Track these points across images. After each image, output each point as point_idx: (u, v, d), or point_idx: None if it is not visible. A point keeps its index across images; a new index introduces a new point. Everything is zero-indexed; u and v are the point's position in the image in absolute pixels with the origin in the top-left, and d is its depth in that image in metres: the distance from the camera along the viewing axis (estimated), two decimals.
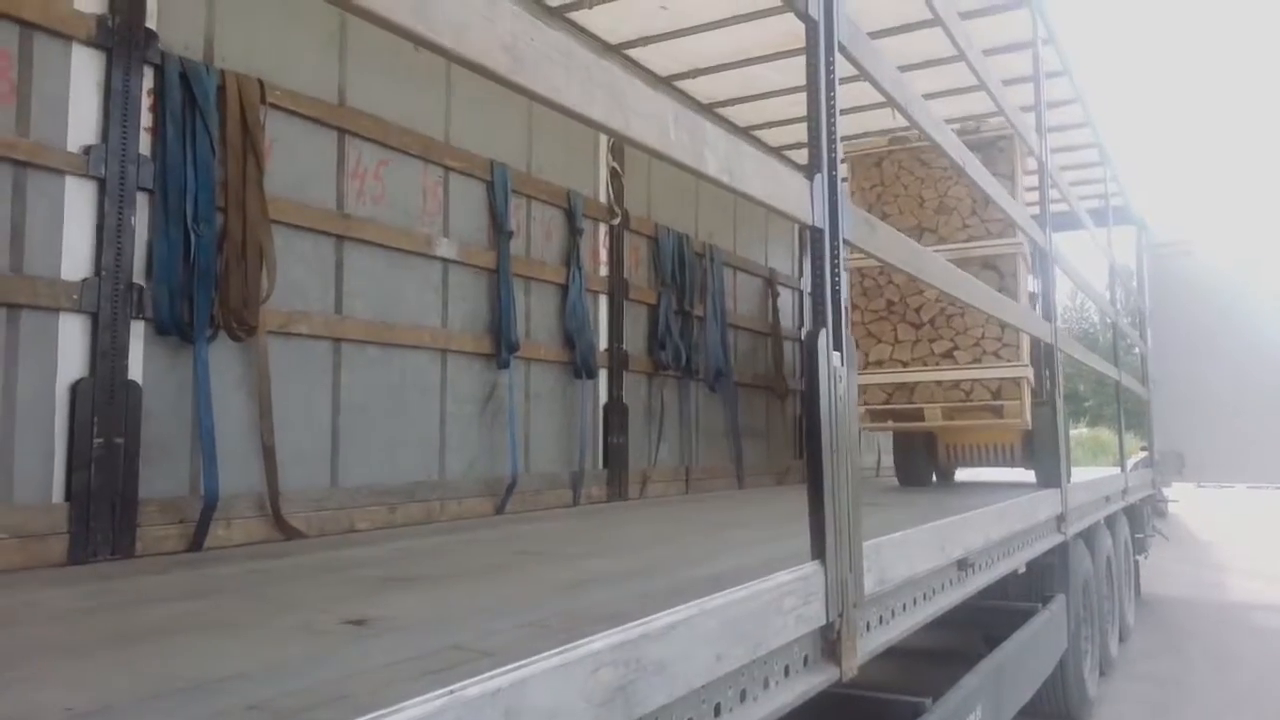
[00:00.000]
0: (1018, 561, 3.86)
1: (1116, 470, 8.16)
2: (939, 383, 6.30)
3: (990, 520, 3.29)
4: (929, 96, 6.29)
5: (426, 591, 2.46)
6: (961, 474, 7.97)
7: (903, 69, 4.43)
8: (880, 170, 6.72)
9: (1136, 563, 9.01)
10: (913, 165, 6.64)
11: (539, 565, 2.91)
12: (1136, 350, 10.73)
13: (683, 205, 7.29)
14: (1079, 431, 27.57)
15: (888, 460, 8.82)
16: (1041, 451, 6.13)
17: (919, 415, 6.35)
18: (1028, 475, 6.63)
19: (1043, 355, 6.22)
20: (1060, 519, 4.65)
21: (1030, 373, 6.04)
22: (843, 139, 5.73)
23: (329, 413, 4.23)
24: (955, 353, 6.27)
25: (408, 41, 1.15)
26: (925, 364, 6.34)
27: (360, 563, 3.09)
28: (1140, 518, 9.19)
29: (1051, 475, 5.48)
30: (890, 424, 6.62)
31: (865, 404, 6.34)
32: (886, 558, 2.18)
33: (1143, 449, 11.30)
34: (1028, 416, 5.89)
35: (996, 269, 6.16)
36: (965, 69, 4.15)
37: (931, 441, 7.32)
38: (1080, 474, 7.36)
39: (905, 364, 6.40)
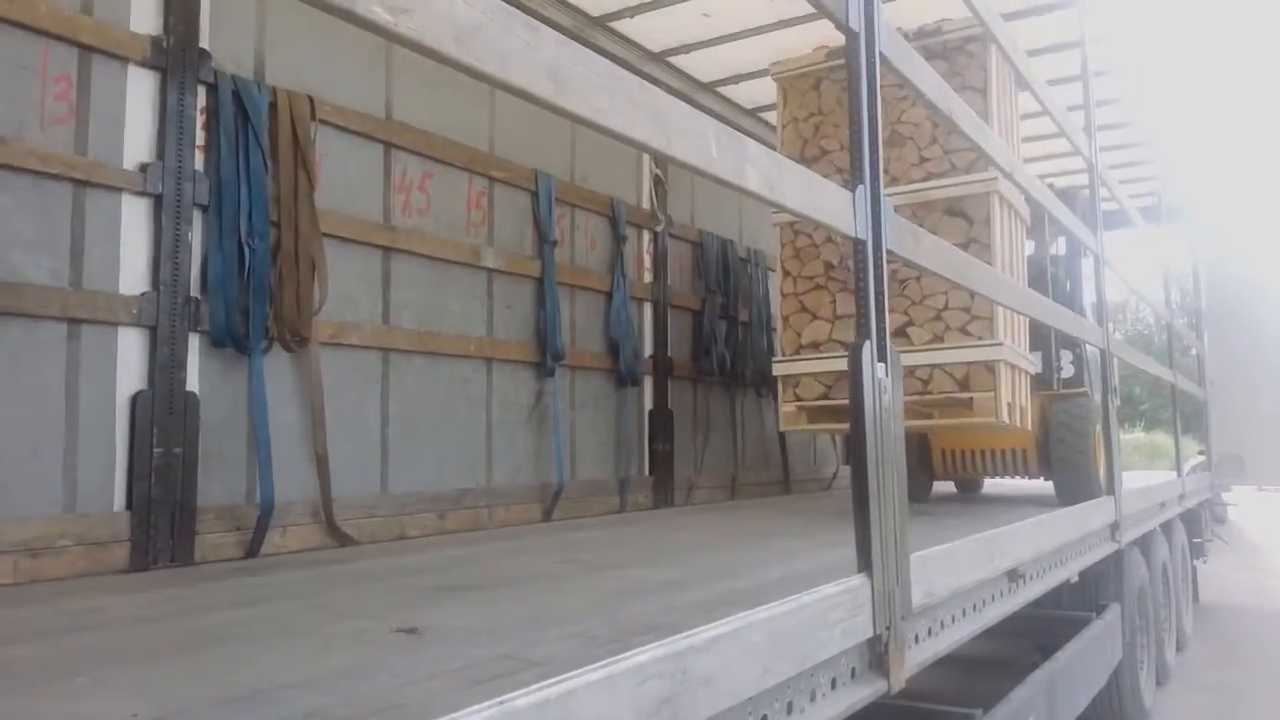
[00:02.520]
0: (1070, 571, 3.80)
1: (1173, 475, 7.98)
2: None
3: (1040, 530, 3.25)
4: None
5: (475, 600, 2.50)
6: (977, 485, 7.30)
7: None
8: (819, 95, 5.32)
9: (1194, 569, 8.80)
10: None
11: (585, 574, 2.93)
12: (1194, 352, 10.49)
13: (726, 211, 7.29)
14: (1135, 435, 26.98)
15: None
16: (1064, 460, 5.42)
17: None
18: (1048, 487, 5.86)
19: (1057, 338, 5.72)
20: (1114, 527, 4.57)
21: (1010, 354, 4.72)
22: (772, 64, 5.35)
23: (378, 421, 4.30)
24: (910, 329, 4.82)
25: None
26: None
27: (410, 570, 3.14)
28: (1198, 522, 8.97)
29: (1077, 489, 5.21)
30: (830, 425, 5.22)
31: (798, 399, 5.14)
32: (934, 570, 2.17)
33: (1200, 453, 11.04)
34: (1004, 412, 4.57)
35: (964, 215, 4.78)
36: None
37: (924, 447, 6.21)
38: (1135, 479, 7.22)
39: (847, 345, 5.50)
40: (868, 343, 1.95)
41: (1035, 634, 4.19)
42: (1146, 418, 29.18)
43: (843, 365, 4.53)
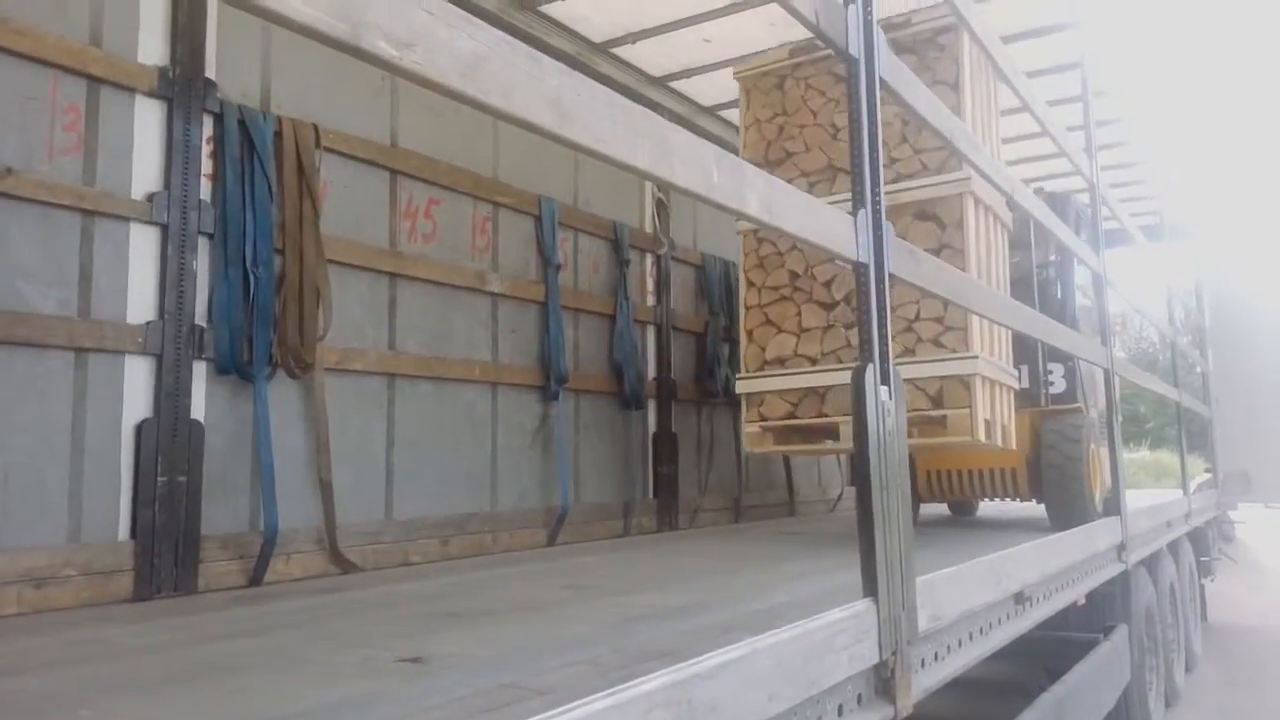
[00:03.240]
0: (1077, 593, 3.78)
1: (1179, 493, 7.95)
2: None
3: (1047, 551, 3.24)
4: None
5: (480, 627, 2.49)
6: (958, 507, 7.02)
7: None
8: (782, 94, 5.01)
9: (1202, 588, 8.74)
10: (824, 83, 4.91)
11: (590, 600, 2.93)
12: (1198, 369, 10.48)
13: (728, 233, 7.29)
14: (1140, 454, 26.88)
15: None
16: (1055, 481, 5.14)
17: (833, 432, 4.65)
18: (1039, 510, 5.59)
19: (1045, 350, 5.38)
20: (1120, 547, 4.55)
21: (987, 368, 4.35)
22: (734, 60, 5.27)
23: (383, 447, 4.31)
24: None
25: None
26: (840, 359, 4.59)
27: (415, 597, 3.13)
28: (1205, 541, 8.92)
29: (1069, 512, 5.00)
30: (798, 446, 4.95)
31: (762, 419, 4.80)
32: (940, 593, 2.16)
33: (1206, 470, 11.00)
34: (981, 431, 4.24)
35: (936, 218, 4.46)
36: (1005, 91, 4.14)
37: (909, 467, 6.33)
38: (1141, 498, 7.19)
39: (814, 361, 4.68)
40: (870, 365, 1.95)
41: (1043, 656, 4.17)
42: (1152, 436, 29.10)
43: (809, 381, 4.61)
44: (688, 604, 2.72)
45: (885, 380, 1.98)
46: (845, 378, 4.10)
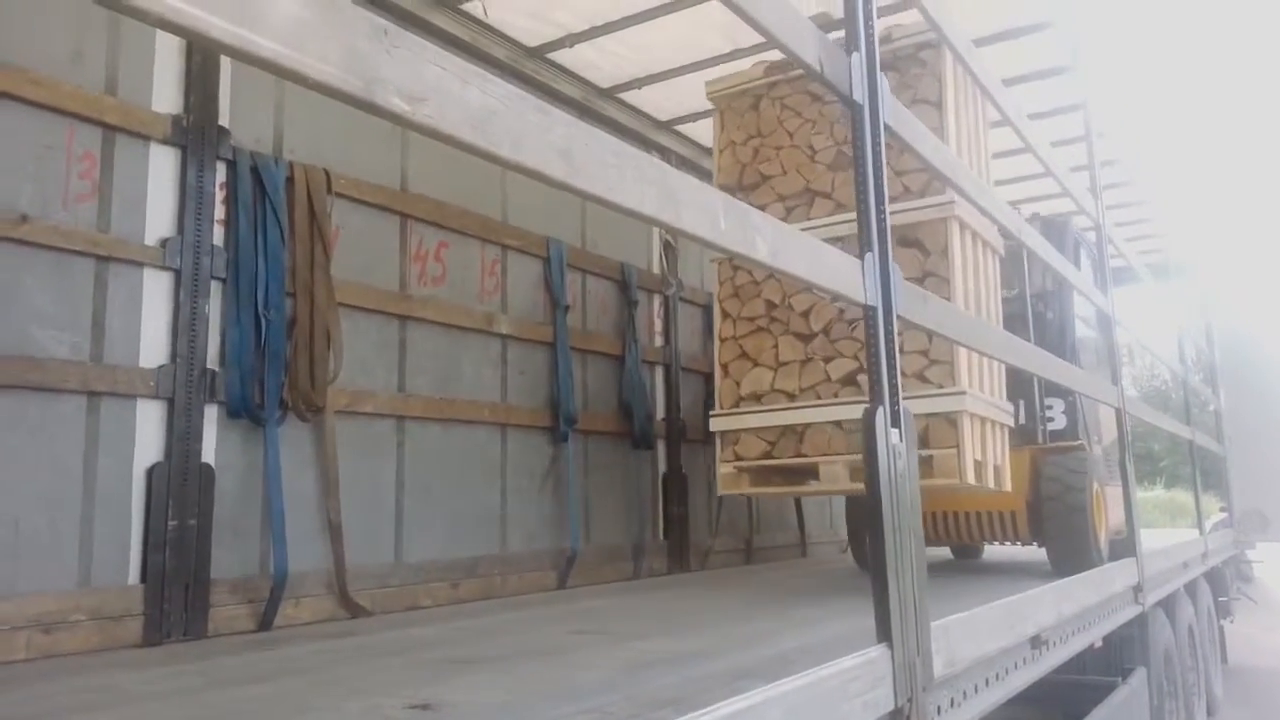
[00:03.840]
0: (1094, 636, 3.73)
1: (1195, 533, 7.86)
2: (838, 424, 4.24)
3: (1062, 594, 3.20)
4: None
5: (489, 674, 2.47)
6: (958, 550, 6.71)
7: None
8: (758, 115, 4.78)
9: (1221, 629, 8.61)
10: (800, 103, 4.67)
11: (601, 645, 2.90)
12: (1211, 407, 10.41)
13: None
14: (1155, 493, 26.63)
15: None
16: (1056, 523, 4.82)
17: (812, 473, 4.43)
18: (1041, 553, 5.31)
19: (1041, 383, 5.07)
20: (1137, 588, 4.49)
21: (976, 404, 4.08)
22: (708, 82, 5.20)
23: (393, 490, 4.30)
24: (860, 377, 4.19)
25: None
26: (819, 395, 4.32)
27: (423, 643, 3.11)
28: (1223, 581, 8.80)
29: (1073, 556, 4.70)
30: (776, 488, 4.69)
31: (738, 458, 4.53)
32: (955, 638, 2.14)
33: (1222, 509, 10.88)
34: (970, 473, 3.96)
35: (919, 244, 4.19)
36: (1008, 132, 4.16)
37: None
38: (1157, 538, 7.11)
39: (791, 396, 4.40)
40: (881, 408, 1.95)
41: (1060, 701, 4.11)
42: (1167, 474, 28.86)
43: (787, 419, 4.33)
44: (699, 650, 2.70)
45: (896, 422, 1.98)
46: (824, 415, 4.21)
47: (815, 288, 1.90)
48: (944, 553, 7.04)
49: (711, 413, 4.68)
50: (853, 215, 4.11)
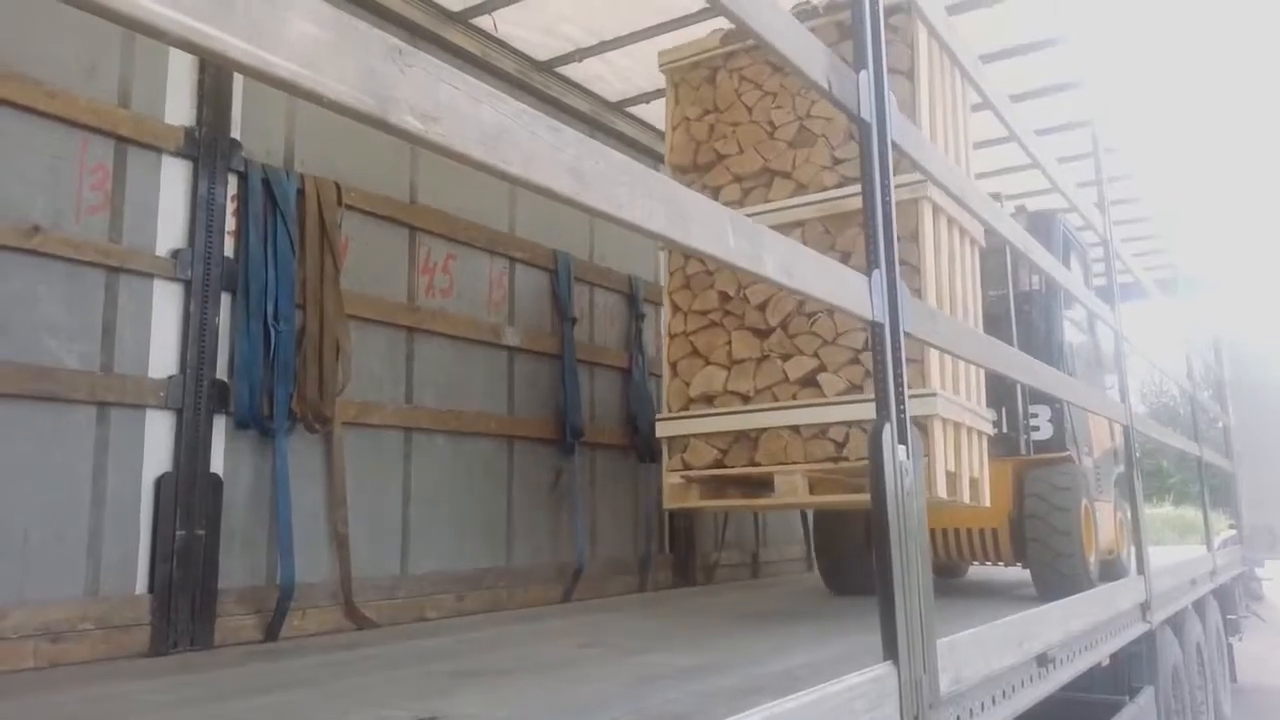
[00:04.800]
0: (1101, 654, 3.71)
1: (1203, 549, 7.82)
2: (796, 429, 3.81)
3: (1069, 612, 3.19)
4: (980, 176, 6.13)
5: (495, 687, 2.47)
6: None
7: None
8: (714, 89, 4.34)
9: (1230, 647, 8.55)
10: (759, 74, 4.24)
11: (607, 659, 2.90)
12: (1220, 424, 10.38)
13: None
14: (1163, 510, 26.49)
15: None
16: (1040, 542, 4.43)
17: (768, 484, 3.93)
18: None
19: (1026, 390, 4.63)
20: (1144, 606, 4.47)
21: (949, 408, 3.66)
22: (661, 53, 4.59)
23: (399, 501, 4.31)
24: (822, 376, 3.81)
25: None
26: (775, 397, 3.89)
27: (430, 655, 3.11)
28: (1232, 598, 8.75)
29: (1058, 579, 4.35)
30: (730, 500, 4.22)
31: (686, 467, 4.06)
32: (962, 656, 2.13)
33: (1231, 526, 10.82)
34: (941, 486, 3.56)
35: None
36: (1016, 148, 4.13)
37: (872, 523, 5.10)
38: (1165, 555, 7.08)
39: (746, 399, 3.96)
40: (888, 425, 1.95)
41: (1068, 719, 4.07)
42: (1175, 491, 28.72)
43: (740, 423, 3.87)
44: (704, 664, 2.69)
45: (903, 439, 1.98)
46: (781, 419, 3.79)
47: (826, 305, 1.91)
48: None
49: (657, 416, 4.28)
50: (815, 197, 3.96)
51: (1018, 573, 6.20)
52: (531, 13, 4.89)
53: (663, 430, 4.18)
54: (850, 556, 5.03)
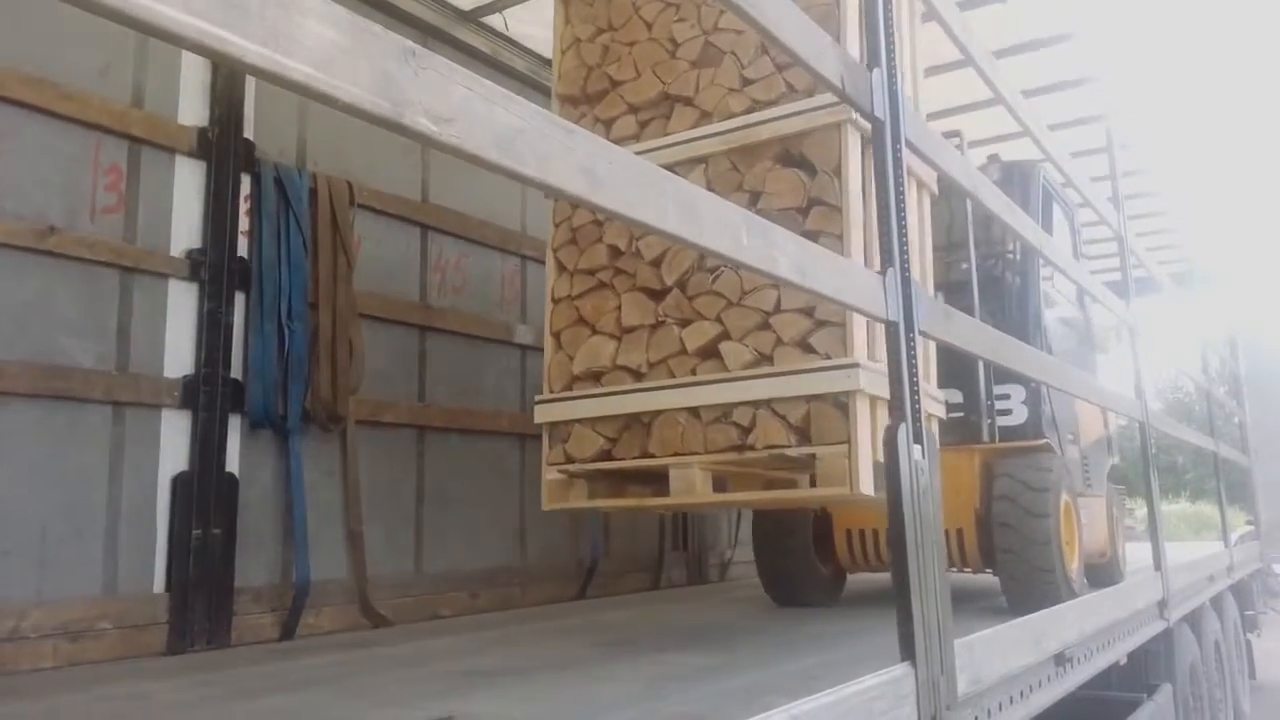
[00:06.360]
0: (1119, 652, 3.68)
1: (1220, 546, 7.77)
2: (694, 412, 3.11)
3: (1086, 611, 3.17)
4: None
5: (511, 686, 2.47)
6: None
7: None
8: (609, 3, 3.67)
9: (1248, 643, 8.49)
10: None
11: (621, 658, 2.90)
12: (1236, 419, 10.31)
13: None
14: (1180, 506, 26.34)
15: None
16: (1009, 545, 3.70)
17: (662, 480, 3.17)
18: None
19: (990, 368, 3.99)
20: (1162, 604, 4.44)
21: (881, 385, 2.76)
22: None
23: (413, 500, 4.32)
24: (724, 345, 3.13)
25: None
26: (672, 372, 3.20)
27: (445, 654, 3.12)
28: (1250, 595, 8.69)
29: (1029, 587, 3.68)
30: (625, 500, 3.45)
31: (568, 459, 3.35)
32: (979, 656, 2.12)
33: (1248, 522, 10.75)
34: (864, 480, 2.82)
35: (805, 161, 3.11)
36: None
37: (820, 524, 4.33)
38: (1182, 552, 7.03)
39: (638, 375, 3.27)
40: (904, 425, 1.94)
41: (1085, 717, 4.05)
42: (1191, 487, 28.56)
43: (631, 405, 3.17)
44: (719, 664, 2.69)
45: (918, 439, 1.97)
46: (676, 399, 3.08)
47: (838, 304, 1.90)
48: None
49: (536, 399, 3.51)
50: (721, 126, 3.24)
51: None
52: (542, 11, 4.88)
53: (541, 415, 3.45)
54: (795, 563, 4.32)
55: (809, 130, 3.09)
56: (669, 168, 2.84)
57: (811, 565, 4.31)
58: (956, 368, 3.90)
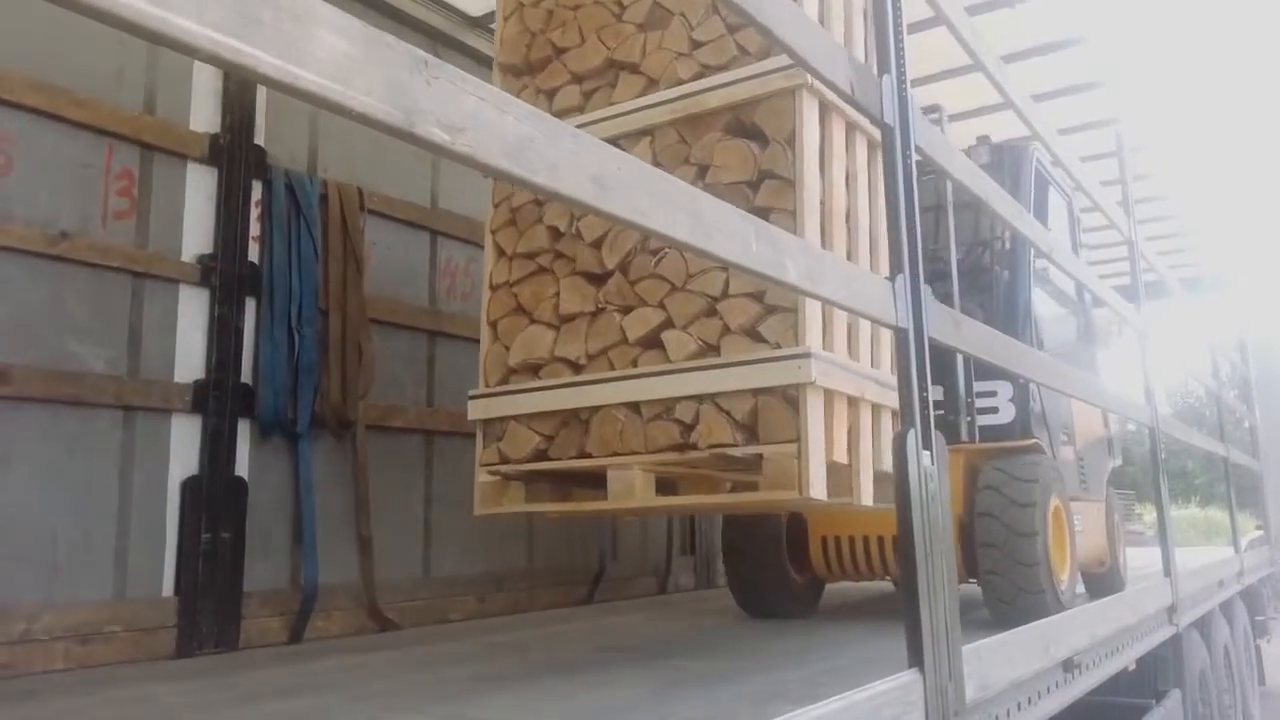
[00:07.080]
0: (1127, 658, 3.67)
1: (1230, 551, 7.73)
2: (635, 408, 2.90)
3: (1096, 616, 3.16)
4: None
5: (518, 691, 2.47)
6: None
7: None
8: None
9: (1258, 649, 8.45)
10: None
11: (629, 663, 2.90)
12: (1246, 423, 10.26)
13: None
14: (1190, 511, 26.21)
15: None
16: (992, 553, 3.43)
17: (599, 482, 2.98)
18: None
19: (972, 362, 3.67)
20: (1171, 609, 4.42)
21: (831, 373, 2.71)
22: None
23: (421, 504, 4.33)
24: (667, 334, 2.91)
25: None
26: (612, 364, 2.99)
27: (452, 658, 3.12)
28: (1260, 600, 8.65)
29: (1013, 598, 3.42)
30: (566, 504, 3.32)
31: (503, 459, 3.17)
32: (988, 662, 2.12)
33: (1258, 527, 10.69)
34: (815, 483, 2.61)
35: (757, 131, 2.90)
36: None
37: (794, 529, 4.07)
38: (1192, 557, 7.00)
39: (577, 367, 3.07)
40: (912, 430, 1.94)
41: None
42: (1201, 492, 28.42)
43: (568, 400, 2.98)
44: (726, 669, 2.69)
45: (927, 445, 1.97)
46: (615, 394, 2.84)
47: (848, 310, 1.90)
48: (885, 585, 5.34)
49: (470, 393, 3.31)
50: (668, 94, 3.01)
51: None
52: None
53: (475, 411, 3.26)
54: (767, 573, 4.06)
55: (762, 96, 2.89)
56: (613, 141, 2.83)
57: (785, 574, 4.03)
58: (935, 363, 3.59)
